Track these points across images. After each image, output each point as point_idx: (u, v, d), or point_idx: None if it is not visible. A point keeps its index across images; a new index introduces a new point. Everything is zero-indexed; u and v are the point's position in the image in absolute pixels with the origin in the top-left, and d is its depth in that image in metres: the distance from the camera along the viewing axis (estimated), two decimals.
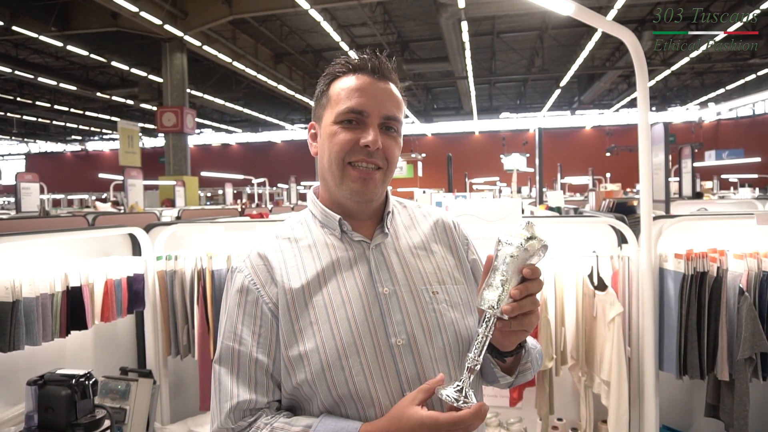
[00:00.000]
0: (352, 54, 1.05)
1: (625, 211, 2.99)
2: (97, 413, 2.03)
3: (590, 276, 2.32)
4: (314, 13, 12.13)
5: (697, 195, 7.56)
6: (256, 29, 15.39)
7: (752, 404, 2.06)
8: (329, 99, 1.05)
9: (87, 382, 1.98)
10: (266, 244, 1.06)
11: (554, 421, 2.45)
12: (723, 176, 18.00)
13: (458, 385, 0.91)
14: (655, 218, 2.29)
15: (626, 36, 1.93)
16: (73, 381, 1.94)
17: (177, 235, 2.69)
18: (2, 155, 35.74)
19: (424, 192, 8.99)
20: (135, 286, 2.45)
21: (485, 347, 0.94)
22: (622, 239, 2.39)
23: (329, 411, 0.96)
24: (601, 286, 2.28)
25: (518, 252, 0.90)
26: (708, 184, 17.46)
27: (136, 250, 2.65)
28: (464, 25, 12.54)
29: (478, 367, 0.93)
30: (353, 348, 0.95)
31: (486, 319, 0.93)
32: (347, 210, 1.06)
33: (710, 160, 17.56)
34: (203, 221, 2.88)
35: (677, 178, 7.71)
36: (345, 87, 1.03)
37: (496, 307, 0.91)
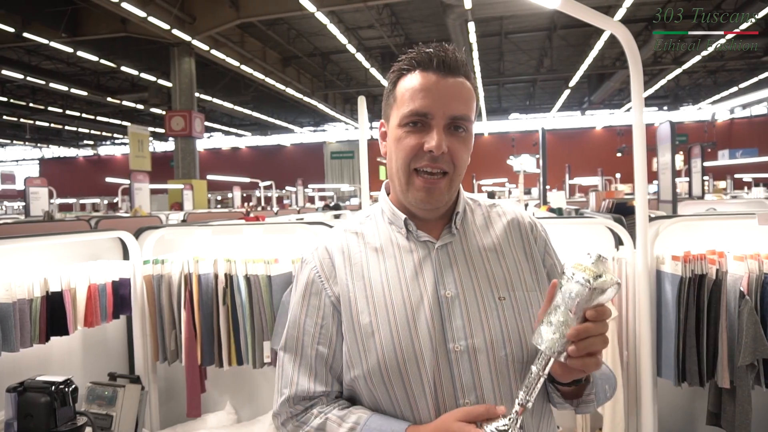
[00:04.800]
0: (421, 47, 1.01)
1: (624, 211, 2.91)
2: (78, 420, 2.00)
3: None
4: (321, 16, 12.14)
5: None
6: (263, 33, 15.44)
7: (755, 412, 1.98)
8: (395, 99, 1.03)
9: (67, 389, 1.95)
10: (334, 239, 1.07)
11: None
12: (737, 176, 17.72)
13: (505, 425, 0.84)
14: (652, 219, 2.21)
15: (618, 30, 1.86)
16: (53, 388, 1.91)
17: (166, 239, 2.65)
18: (17, 160, 36.24)
19: None
20: (121, 291, 2.42)
21: (538, 386, 0.86)
22: (618, 241, 2.32)
23: (383, 407, 0.97)
24: None
25: (584, 291, 0.79)
26: (721, 184, 17.20)
27: (127, 254, 2.62)
28: (471, 26, 12.49)
29: (530, 405, 0.86)
30: (411, 351, 0.94)
31: (540, 358, 0.85)
32: (413, 212, 1.05)
33: (723, 159, 17.28)
34: (194, 225, 2.85)
35: (687, 179, 7.58)
36: (409, 87, 1.00)
37: (551, 347, 0.82)
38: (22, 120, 24.24)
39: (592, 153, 26.01)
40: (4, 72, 15.78)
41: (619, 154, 20.61)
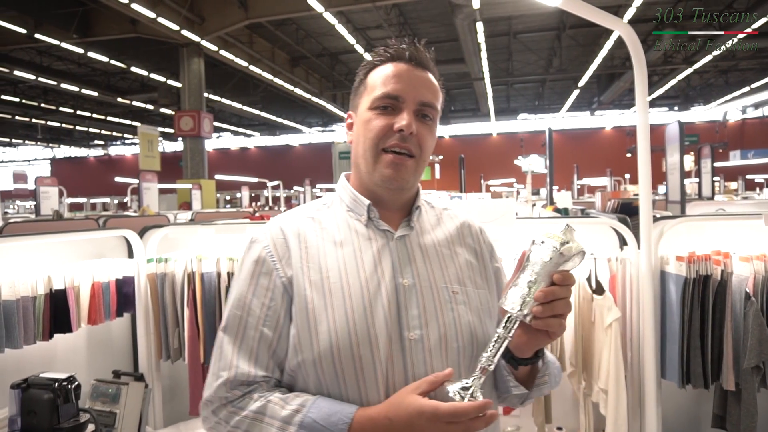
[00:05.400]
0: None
1: (629, 211, 2.88)
2: (81, 417, 2.01)
3: (588, 279, 2.23)
4: (329, 17, 12.16)
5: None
6: (272, 33, 15.49)
7: (761, 415, 1.95)
8: (366, 87, 1.06)
9: (70, 386, 1.96)
10: (289, 220, 1.06)
11: (553, 430, 2.36)
12: (749, 177, 17.52)
13: (467, 383, 0.87)
14: (657, 219, 2.19)
15: (621, 27, 1.84)
16: (56, 385, 1.93)
17: (170, 238, 2.66)
18: (29, 160, 36.64)
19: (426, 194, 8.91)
20: (125, 289, 2.44)
21: (502, 348, 0.89)
22: (623, 241, 2.29)
23: (330, 393, 0.94)
24: (599, 289, 2.19)
25: (552, 255, 0.86)
26: (733, 185, 17.02)
27: (131, 252, 2.64)
28: (479, 26, 12.45)
29: (492, 367, 0.89)
30: (365, 335, 0.93)
31: (507, 320, 0.89)
32: (377, 198, 1.05)
33: (735, 160, 17.09)
34: (198, 224, 2.86)
35: (697, 179, 7.50)
36: (382, 74, 1.04)
37: (518, 308, 0.87)
38: (34, 120, 24.50)
39: (601, 153, 25.85)
40: (16, 73, 15.96)
41: (628, 155, 20.51)
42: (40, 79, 16.95)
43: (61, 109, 22.38)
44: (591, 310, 2.20)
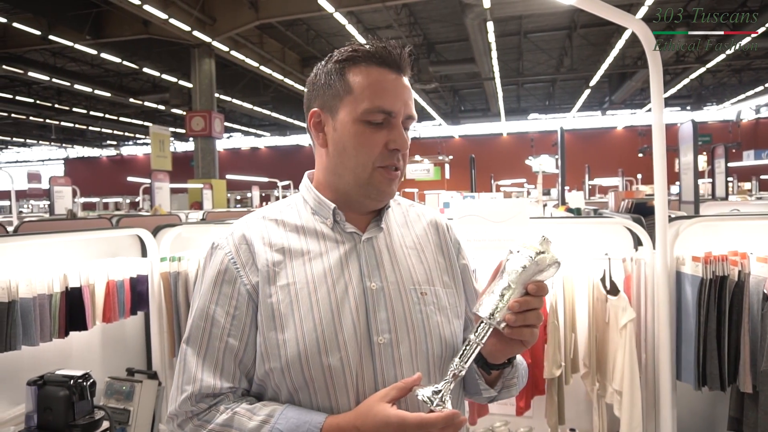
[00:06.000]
0: (361, 38, 1.00)
1: (644, 211, 2.85)
2: (96, 414, 2.03)
3: (602, 280, 2.21)
4: (339, 17, 12.17)
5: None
6: (282, 34, 15.54)
7: None
8: (348, 90, 0.97)
9: (85, 383, 1.98)
10: (251, 225, 1.02)
11: (566, 431, 2.35)
12: (763, 177, 17.31)
13: (437, 388, 0.86)
14: (672, 219, 2.17)
15: (636, 25, 1.82)
16: (71, 382, 1.95)
17: (182, 237, 2.68)
18: (42, 160, 37.06)
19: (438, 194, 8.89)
20: (138, 287, 2.46)
21: (474, 355, 0.89)
22: (638, 241, 2.27)
23: (300, 400, 0.92)
24: (614, 290, 2.17)
25: (527, 264, 0.87)
26: (747, 185, 16.80)
27: (145, 251, 2.66)
28: (490, 25, 12.39)
29: (463, 373, 0.89)
30: (334, 341, 0.92)
31: (480, 326, 0.89)
32: (350, 202, 1.02)
33: (749, 159, 16.88)
34: (210, 223, 2.87)
35: (710, 180, 7.42)
36: (371, 81, 0.97)
37: (491, 315, 0.87)
38: (48, 121, 24.77)
39: (612, 154, 25.65)
40: (31, 74, 16.16)
41: (640, 155, 20.32)
42: (54, 80, 17.14)
43: (75, 109, 22.61)
44: (605, 310, 2.18)
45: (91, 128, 27.50)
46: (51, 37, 13.14)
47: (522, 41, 16.53)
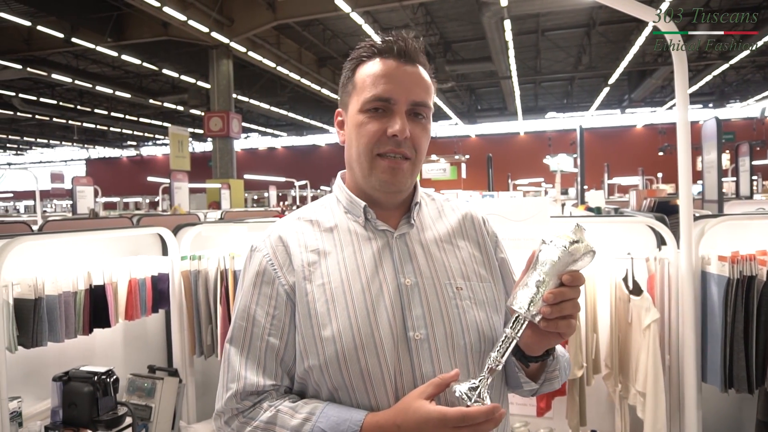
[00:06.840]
0: (377, 37, 1.02)
1: (667, 210, 2.80)
2: (119, 410, 2.06)
3: (625, 279, 2.18)
4: (356, 17, 12.18)
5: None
6: (299, 34, 15.62)
7: None
8: (355, 86, 1.02)
9: (108, 380, 2.02)
10: (288, 226, 1.04)
11: None
12: None
13: (474, 383, 0.86)
14: (697, 218, 2.12)
15: (655, 18, 1.79)
16: (96, 378, 1.98)
17: (203, 236, 2.71)
18: (65, 160, 37.78)
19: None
20: (160, 286, 2.49)
21: (510, 348, 0.89)
22: (661, 241, 2.23)
23: (340, 397, 0.93)
24: (637, 290, 2.14)
25: (561, 255, 0.84)
26: None
27: (166, 250, 2.69)
28: (507, 23, 12.30)
29: (500, 368, 0.88)
30: (370, 339, 0.93)
31: (515, 320, 0.88)
32: (373, 199, 1.04)
33: None
34: (230, 222, 2.90)
35: (734, 178, 7.27)
36: (370, 73, 1.00)
37: (526, 308, 0.86)
38: (70, 122, 25.24)
39: (632, 152, 25.28)
40: (54, 76, 16.48)
41: (661, 153, 20.01)
42: (76, 81, 17.47)
43: (96, 110, 23.00)
44: (628, 310, 2.15)
45: (112, 129, 27.95)
46: (74, 39, 13.38)
47: (539, 39, 16.37)
